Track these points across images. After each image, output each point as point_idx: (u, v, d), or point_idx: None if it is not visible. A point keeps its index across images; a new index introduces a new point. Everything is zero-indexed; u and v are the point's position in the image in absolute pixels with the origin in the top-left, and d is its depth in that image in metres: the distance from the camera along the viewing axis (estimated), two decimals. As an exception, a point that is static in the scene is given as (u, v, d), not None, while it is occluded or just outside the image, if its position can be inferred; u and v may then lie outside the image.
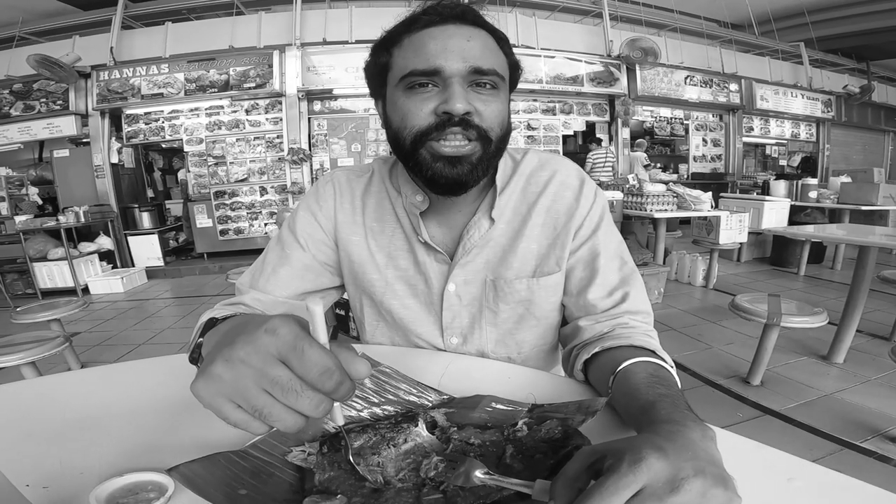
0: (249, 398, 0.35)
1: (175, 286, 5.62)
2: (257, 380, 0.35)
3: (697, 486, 0.34)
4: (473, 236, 0.79)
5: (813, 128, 9.63)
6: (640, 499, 0.33)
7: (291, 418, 0.35)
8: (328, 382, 0.35)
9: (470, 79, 0.65)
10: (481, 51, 0.66)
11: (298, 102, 6.44)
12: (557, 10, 7.76)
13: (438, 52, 0.64)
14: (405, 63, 0.67)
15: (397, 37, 0.69)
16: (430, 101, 0.66)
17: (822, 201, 5.40)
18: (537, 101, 7.29)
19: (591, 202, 0.80)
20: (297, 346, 0.35)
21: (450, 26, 0.66)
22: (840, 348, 2.66)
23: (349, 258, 0.85)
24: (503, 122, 0.70)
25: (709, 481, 0.35)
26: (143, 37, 6.54)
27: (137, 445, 0.55)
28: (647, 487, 0.34)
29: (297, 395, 0.35)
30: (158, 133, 6.60)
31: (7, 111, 6.31)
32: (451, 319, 0.82)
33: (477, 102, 0.66)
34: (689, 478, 0.34)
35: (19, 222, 5.30)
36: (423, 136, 0.67)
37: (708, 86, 8.09)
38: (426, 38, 0.66)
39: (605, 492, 0.33)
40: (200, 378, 0.36)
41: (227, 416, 0.36)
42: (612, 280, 0.77)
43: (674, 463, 0.35)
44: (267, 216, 6.68)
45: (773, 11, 8.23)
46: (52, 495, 0.46)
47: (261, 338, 0.36)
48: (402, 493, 0.43)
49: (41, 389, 0.74)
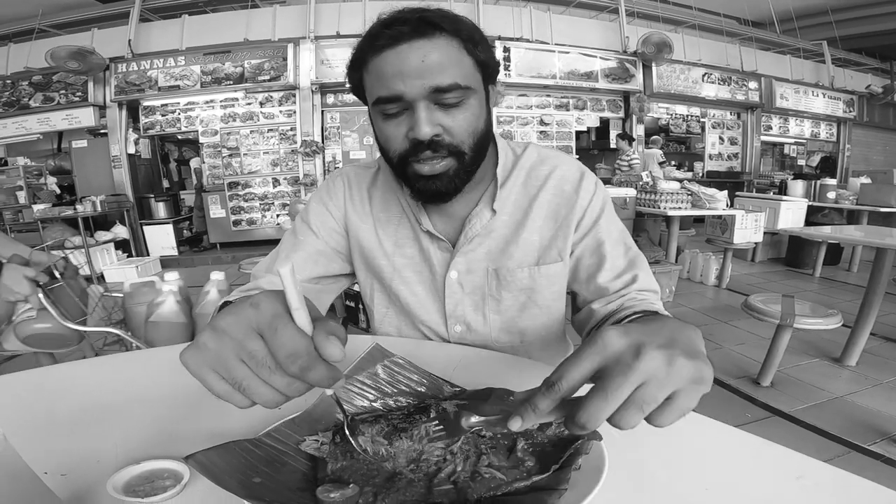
0: (230, 368, 0.36)
1: (188, 276, 5.67)
2: (237, 350, 0.36)
3: (661, 353, 0.35)
4: (475, 225, 0.81)
5: (833, 127, 9.45)
6: (608, 371, 0.35)
7: (269, 393, 0.36)
8: (292, 366, 0.35)
9: (433, 98, 0.65)
10: (439, 66, 0.64)
11: (312, 95, 6.48)
12: (572, 6, 7.68)
13: (396, 76, 0.64)
14: (372, 89, 0.69)
15: (364, 57, 0.69)
16: (401, 126, 0.68)
17: (840, 202, 5.29)
18: (550, 96, 7.24)
19: (591, 193, 0.82)
20: (272, 325, 0.36)
21: (403, 46, 0.64)
22: (853, 351, 2.62)
23: (360, 244, 0.88)
24: (476, 130, 0.70)
25: (675, 351, 0.35)
26: (161, 29, 6.62)
27: (153, 434, 0.56)
28: (608, 359, 0.35)
29: (270, 371, 0.36)
30: (174, 124, 6.69)
31: (26, 102, 6.43)
32: (454, 307, 0.84)
33: (444, 120, 0.67)
34: (650, 344, 0.35)
35: (37, 211, 5.41)
36: (404, 158, 0.70)
37: (726, 83, 7.97)
38: (384, 63, 0.65)
39: (569, 364, 0.36)
40: (189, 347, 0.38)
41: (212, 386, 0.37)
42: (620, 264, 0.80)
43: (634, 336, 0.36)
44: (279, 207, 6.74)
45: (795, 9, 8.07)
46: (70, 483, 0.46)
47: (245, 310, 0.37)
48: (414, 484, 0.43)
49: (58, 378, 0.75)
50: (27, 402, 0.64)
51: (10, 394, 0.69)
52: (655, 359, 0.34)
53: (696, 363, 0.36)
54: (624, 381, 0.34)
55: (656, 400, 0.34)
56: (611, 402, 0.34)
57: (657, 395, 0.34)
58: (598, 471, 0.41)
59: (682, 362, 0.35)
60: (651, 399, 0.34)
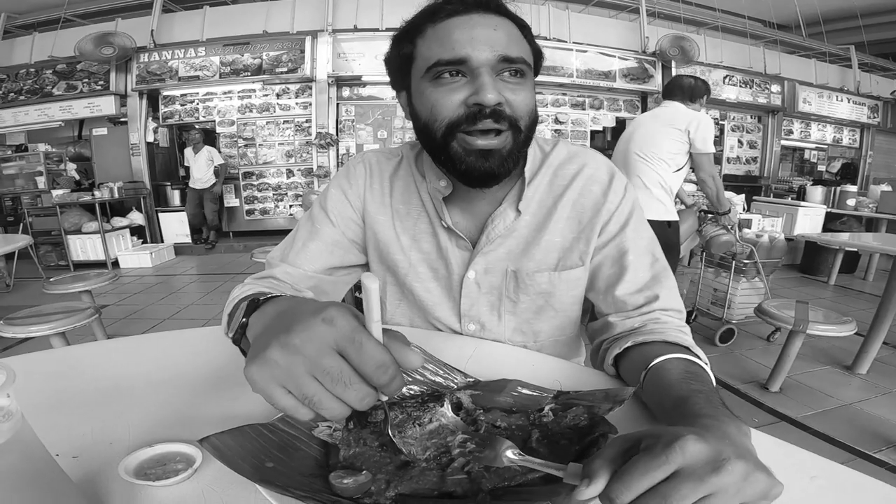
0: (301, 385, 0.35)
1: (201, 263, 5.76)
2: (310, 368, 0.35)
3: (740, 467, 0.33)
4: (498, 226, 0.79)
5: (856, 133, 9.23)
6: (678, 480, 0.32)
7: (339, 408, 0.36)
8: (383, 377, 0.35)
9: (499, 68, 0.64)
10: (507, 39, 0.65)
11: (328, 88, 6.50)
12: (591, 5, 7.60)
13: (465, 41, 0.63)
14: (430, 53, 0.66)
15: (420, 26, 0.68)
16: (459, 92, 0.65)
17: (860, 209, 5.17)
18: (566, 94, 7.17)
19: (620, 197, 0.78)
20: (356, 340, 0.35)
21: (474, 15, 0.65)
22: (865, 359, 2.59)
23: (375, 236, 0.86)
24: (531, 111, 0.69)
25: (751, 465, 0.33)
26: (183, 20, 6.68)
27: (165, 416, 0.56)
28: (684, 469, 0.32)
29: (345, 387, 0.35)
30: (193, 114, 6.76)
31: (50, 90, 6.54)
32: (469, 307, 0.83)
33: (507, 92, 0.65)
34: (730, 458, 0.33)
35: (56, 196, 5.50)
36: (454, 127, 0.66)
37: (748, 86, 7.82)
38: (451, 27, 0.65)
39: (636, 471, 0.32)
40: (255, 362, 0.36)
41: (277, 401, 0.36)
42: (643, 277, 0.75)
43: (713, 445, 0.34)
44: (292, 198, 6.80)
45: (823, 13, 7.87)
46: (82, 465, 0.46)
47: (318, 326, 0.36)
48: (427, 473, 0.43)
49: (71, 359, 0.75)
50: (39, 384, 0.64)
51: (22, 375, 0.68)
52: (733, 474, 0.32)
53: (770, 479, 0.34)
54: (691, 494, 0.32)
55: None
56: None
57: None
58: None
59: (758, 478, 0.33)
60: None
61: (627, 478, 0.32)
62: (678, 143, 2.40)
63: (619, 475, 0.33)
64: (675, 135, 2.39)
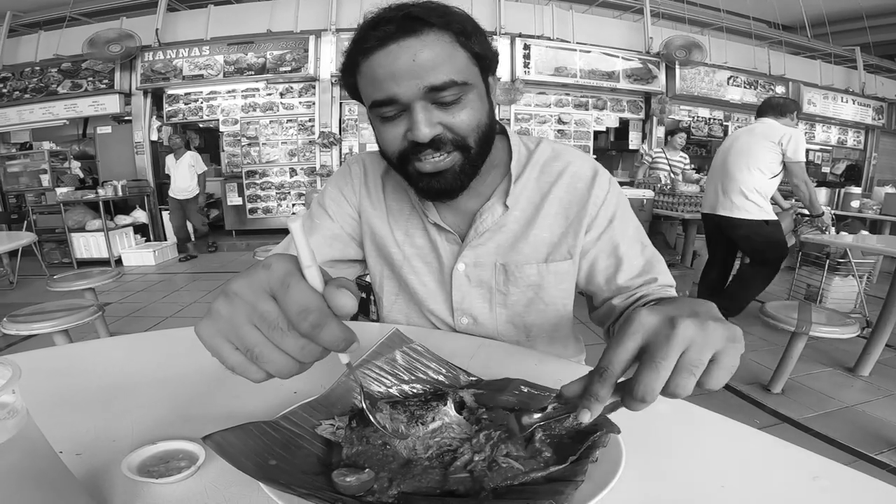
0: (242, 334, 0.34)
1: (204, 261, 5.77)
2: (249, 314, 0.34)
3: (692, 320, 0.36)
4: (486, 220, 0.81)
5: (861, 135, 9.19)
6: (652, 349, 0.36)
7: (282, 360, 0.34)
8: (303, 322, 0.33)
9: (428, 97, 0.63)
10: (432, 64, 0.62)
11: (331, 87, 6.51)
12: (595, 5, 7.58)
13: (388, 78, 0.62)
14: (367, 92, 0.67)
15: (356, 61, 0.67)
16: (399, 127, 0.67)
17: (864, 211, 5.16)
18: (569, 94, 7.16)
19: (605, 192, 0.80)
20: (285, 282, 0.34)
21: (392, 46, 0.62)
22: (867, 361, 2.58)
23: (372, 231, 0.88)
24: (479, 124, 0.68)
25: (704, 317, 0.37)
26: (187, 19, 6.70)
27: (168, 414, 0.56)
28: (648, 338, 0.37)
29: (282, 334, 0.34)
30: (197, 113, 6.78)
31: (55, 89, 6.57)
32: (461, 300, 0.85)
33: (444, 118, 0.65)
34: (681, 315, 0.37)
35: (60, 194, 5.53)
36: (403, 157, 0.69)
37: (752, 87, 7.80)
38: (375, 65, 0.63)
39: (609, 349, 0.38)
40: (204, 318, 0.36)
41: (225, 358, 0.35)
42: (638, 264, 0.80)
43: (665, 311, 0.38)
44: (295, 197, 6.81)
45: (829, 14, 7.83)
46: (85, 462, 0.46)
47: (257, 272, 0.36)
48: (429, 471, 0.43)
49: (74, 357, 0.75)
50: (43, 381, 0.64)
51: (26, 372, 0.68)
52: (690, 326, 0.36)
53: (725, 325, 0.38)
54: (669, 350, 0.35)
55: (702, 362, 0.36)
56: (661, 371, 0.35)
57: (702, 358, 0.36)
58: (615, 464, 0.41)
59: (713, 325, 0.37)
60: (697, 362, 0.36)
61: (608, 355, 0.38)
62: (772, 154, 2.82)
63: (602, 357, 0.39)
64: (770, 146, 2.82)
